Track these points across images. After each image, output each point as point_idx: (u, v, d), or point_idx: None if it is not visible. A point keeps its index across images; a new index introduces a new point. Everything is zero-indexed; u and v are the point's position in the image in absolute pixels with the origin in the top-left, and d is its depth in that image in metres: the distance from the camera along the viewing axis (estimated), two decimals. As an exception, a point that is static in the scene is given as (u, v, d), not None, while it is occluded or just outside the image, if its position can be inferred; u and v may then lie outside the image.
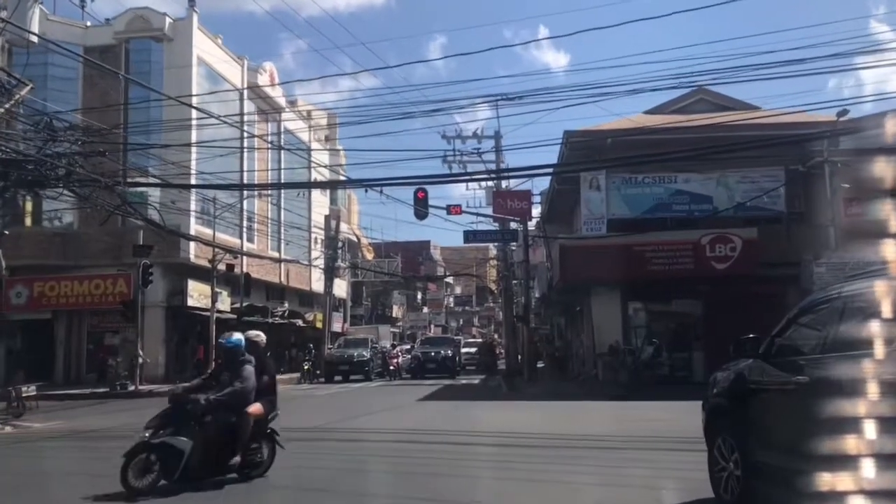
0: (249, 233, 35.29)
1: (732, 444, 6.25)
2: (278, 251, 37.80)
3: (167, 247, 28.50)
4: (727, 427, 6.41)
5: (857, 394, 4.67)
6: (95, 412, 18.77)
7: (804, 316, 6.05)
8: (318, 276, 41.39)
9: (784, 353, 5.89)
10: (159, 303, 29.56)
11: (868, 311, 4.97)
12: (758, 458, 5.85)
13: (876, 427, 4.49)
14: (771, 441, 5.72)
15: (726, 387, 6.60)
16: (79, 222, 29.46)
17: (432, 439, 11.75)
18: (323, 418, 15.28)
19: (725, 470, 6.31)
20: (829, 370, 5.07)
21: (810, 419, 5.06)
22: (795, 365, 5.56)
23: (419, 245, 75.28)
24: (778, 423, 5.70)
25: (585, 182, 23.06)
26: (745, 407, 6.14)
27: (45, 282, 29.04)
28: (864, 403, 4.61)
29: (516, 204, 31.59)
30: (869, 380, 4.62)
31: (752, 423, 6.01)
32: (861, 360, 4.77)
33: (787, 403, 5.60)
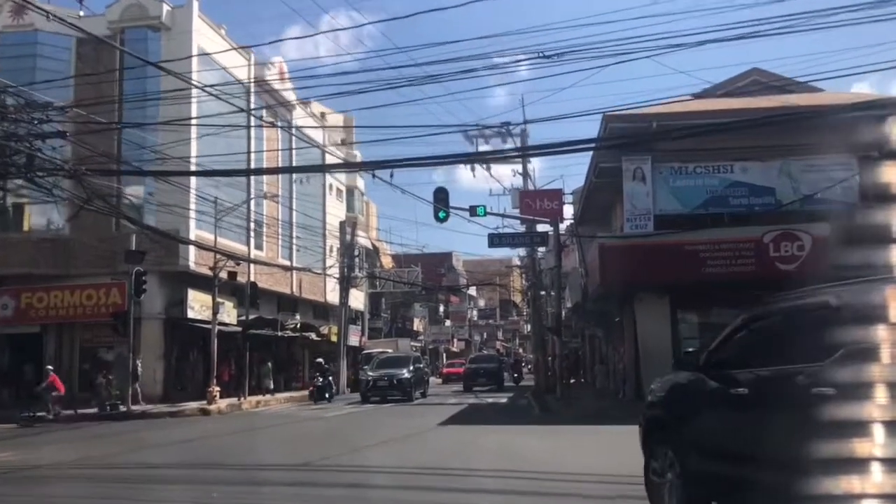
0: (258, 239, 32.79)
1: (671, 455, 6.33)
2: (289, 259, 35.23)
3: (165, 253, 26.07)
4: (666, 439, 6.51)
5: (793, 405, 5.00)
6: (62, 439, 16.23)
7: (743, 330, 6.19)
8: (333, 286, 38.82)
9: (723, 366, 5.99)
10: (157, 314, 27.08)
11: (805, 325, 5.31)
12: (698, 468, 6.00)
13: (809, 436, 4.72)
14: (711, 451, 5.89)
15: (665, 400, 6.75)
16: (70, 228, 27.08)
17: (459, 484, 8.99)
18: (321, 449, 12.61)
19: (663, 481, 6.40)
20: (766, 383, 5.39)
21: (749, 430, 5.43)
22: (734, 378, 5.72)
23: (441, 256, 72.78)
24: (718, 434, 5.89)
25: (628, 173, 20.26)
26: (685, 419, 6.28)
27: (34, 292, 26.68)
28: (800, 414, 4.92)
29: (546, 204, 28.90)
30: (804, 392, 4.88)
31: (692, 434, 6.15)
32: (797, 372, 5.04)
33: (727, 415, 5.79)
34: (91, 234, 26.52)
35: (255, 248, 32.32)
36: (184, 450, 13.49)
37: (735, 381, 5.71)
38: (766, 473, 5.21)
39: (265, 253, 33.05)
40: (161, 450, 13.52)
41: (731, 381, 5.75)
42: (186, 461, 11.74)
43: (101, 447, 14.09)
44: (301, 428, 18.57)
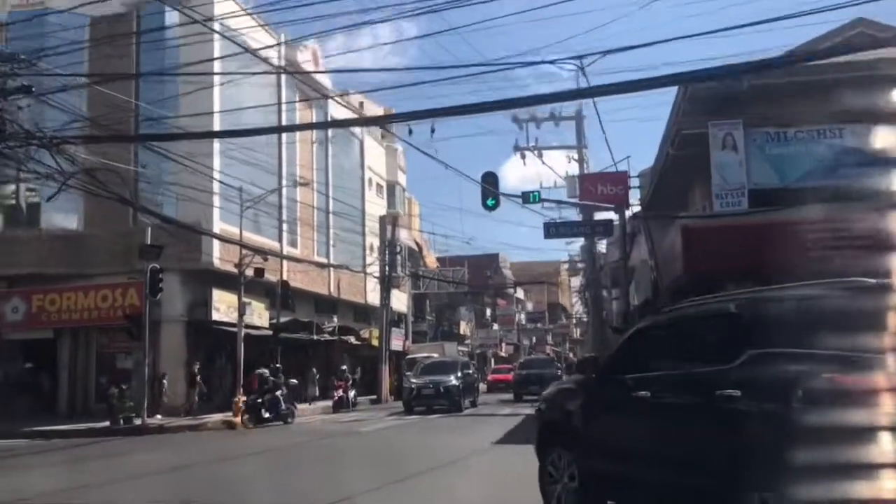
0: (292, 235, 30.18)
1: (568, 458, 6.48)
2: (326, 257, 32.53)
3: (186, 249, 23.55)
4: (563, 442, 6.61)
5: (697, 407, 5.24)
6: (47, 462, 13.61)
7: (646, 335, 6.41)
8: (374, 286, 36.08)
9: (625, 370, 6.06)
10: (178, 317, 24.57)
11: (708, 330, 5.57)
12: (595, 470, 6.16)
13: (714, 437, 5.06)
14: (610, 454, 6.03)
15: (563, 404, 6.92)
16: (84, 223, 24.77)
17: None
18: (358, 478, 9.75)
19: (558, 484, 6.55)
20: (670, 385, 5.58)
21: (652, 432, 5.65)
22: (637, 381, 5.82)
23: (487, 258, 69.93)
24: (618, 437, 6.05)
25: (716, 140, 17.00)
26: (585, 422, 6.41)
27: (45, 294, 24.39)
28: (704, 416, 5.16)
29: (609, 189, 25.75)
30: (709, 394, 5.05)
31: (591, 437, 6.28)
32: (702, 375, 5.25)
33: (628, 418, 5.95)
34: (106, 229, 24.16)
35: (289, 244, 29.74)
36: (178, 481, 10.72)
37: (638, 385, 5.80)
38: (668, 473, 5.37)
39: (299, 250, 30.42)
40: (147, 481, 10.77)
41: (634, 384, 5.84)
42: (167, 500, 8.98)
43: (74, 475, 11.42)
44: (334, 446, 15.77)
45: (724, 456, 4.94)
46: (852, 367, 4.41)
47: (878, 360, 4.35)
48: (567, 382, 7.45)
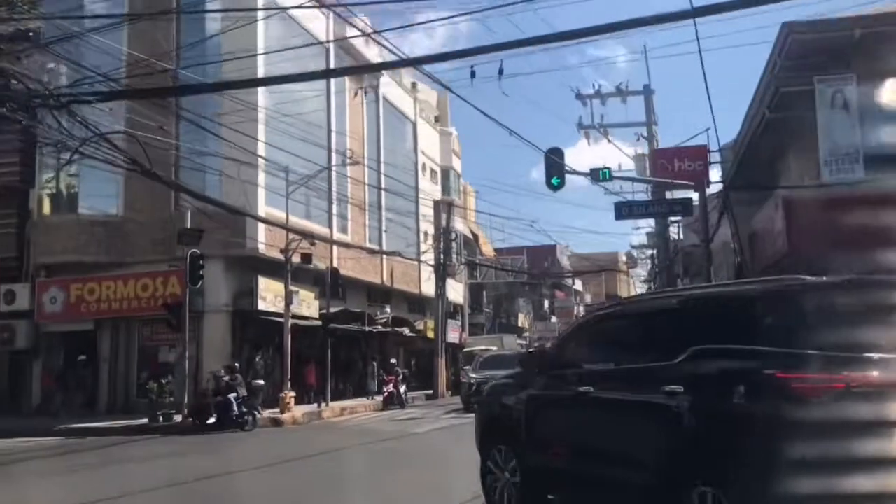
0: (342, 221, 28.53)
1: (510, 453, 6.50)
2: (378, 244, 30.79)
3: (231, 234, 22.05)
4: (505, 437, 6.65)
5: (641, 402, 5.32)
6: (58, 468, 12.07)
7: (582, 331, 6.67)
8: (428, 275, 34.27)
9: (569, 365, 6.20)
10: (222, 307, 23.09)
11: (653, 326, 5.63)
12: (537, 465, 6.21)
13: (657, 431, 5.10)
14: (552, 448, 6.11)
15: (505, 400, 6.90)
16: (123, 208, 23.48)
17: None
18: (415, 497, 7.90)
19: (500, 479, 6.57)
20: (614, 380, 5.67)
21: (595, 426, 5.75)
22: (580, 376, 5.94)
23: (545, 249, 67.77)
24: (561, 431, 6.12)
25: (824, 98, 14.64)
26: (526, 417, 6.42)
27: (84, 283, 23.15)
28: (648, 411, 5.22)
29: (687, 165, 23.46)
30: (653, 389, 5.10)
31: (533, 432, 6.31)
32: (646, 370, 5.32)
33: (572, 412, 5.99)
34: (146, 215, 22.87)
35: (339, 230, 28.10)
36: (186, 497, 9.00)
37: (580, 379, 5.87)
38: (609, 469, 5.44)
39: (350, 237, 28.76)
40: (157, 497, 9.06)
41: (576, 379, 5.93)
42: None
43: (83, 486, 9.80)
44: (385, 451, 13.96)
45: (666, 451, 4.99)
46: (792, 364, 4.41)
47: (816, 357, 4.37)
48: (510, 377, 7.34)
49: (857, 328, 4.55)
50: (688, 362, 4.99)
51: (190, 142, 21.42)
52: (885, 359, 4.33)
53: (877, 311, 4.69)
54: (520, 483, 6.39)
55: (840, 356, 4.35)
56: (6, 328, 23.17)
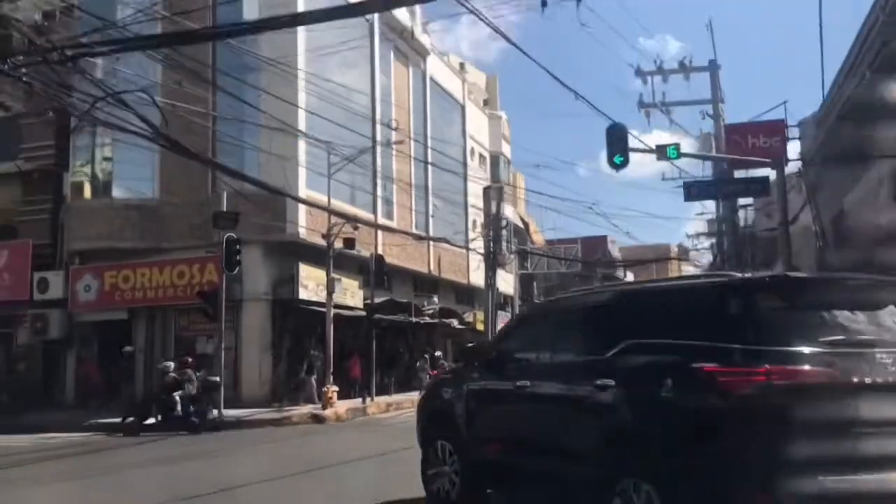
0: (387, 207, 27.09)
1: (451, 447, 6.56)
2: (425, 230, 29.27)
3: (270, 218, 20.77)
4: (446, 431, 6.69)
5: (575, 395, 5.43)
6: (66, 473, 10.76)
7: (522, 325, 6.82)
8: (477, 264, 32.67)
9: (507, 359, 6.27)
10: (262, 295, 21.83)
11: (587, 320, 5.76)
12: (476, 458, 6.28)
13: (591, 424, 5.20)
14: (491, 441, 6.19)
15: (445, 393, 6.95)
16: (159, 192, 22.35)
17: None
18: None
19: (441, 472, 6.63)
20: (550, 374, 5.81)
21: (532, 419, 5.84)
22: (518, 370, 6.06)
23: (595, 240, 65.73)
24: (500, 425, 6.20)
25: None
26: (465, 411, 6.50)
27: (119, 270, 22.12)
28: (582, 403, 5.33)
29: (762, 141, 21.46)
30: (587, 382, 5.26)
31: (472, 426, 6.39)
32: (580, 364, 5.49)
33: (510, 406, 6.10)
34: (182, 198, 21.73)
35: (384, 217, 26.67)
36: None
37: (518, 374, 5.99)
38: (545, 462, 5.56)
39: (395, 223, 27.30)
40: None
41: (514, 373, 6.03)
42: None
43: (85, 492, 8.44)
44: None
45: (599, 444, 5.07)
46: (716, 358, 4.52)
47: (739, 350, 4.51)
48: (450, 372, 7.45)
49: (782, 324, 4.65)
50: (619, 356, 5.12)
51: (228, 122, 20.14)
52: (809, 352, 4.44)
53: (801, 307, 4.75)
54: (459, 476, 6.46)
55: (763, 350, 4.44)
56: (39, 317, 22.25)
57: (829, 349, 4.48)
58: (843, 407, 4.37)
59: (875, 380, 4.41)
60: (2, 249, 23.15)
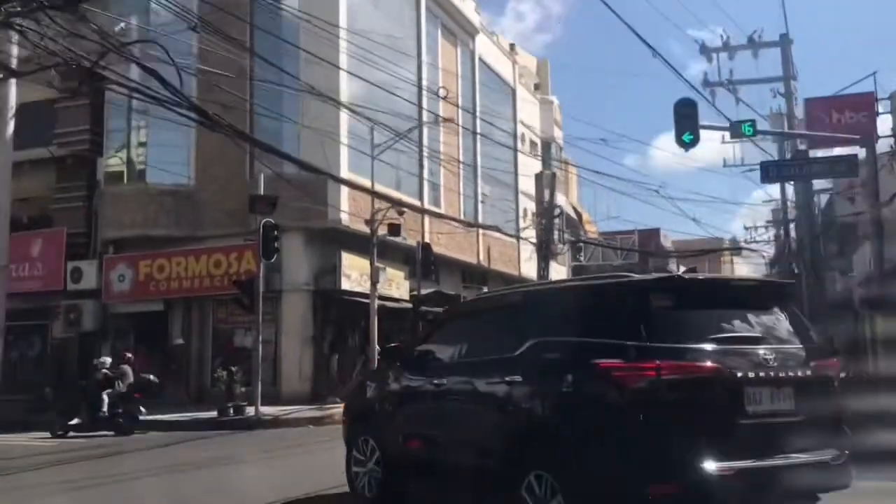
0: (434, 194, 25.65)
1: (374, 444, 6.75)
2: (474, 217, 27.75)
3: (310, 204, 19.50)
4: (370, 429, 6.91)
5: (486, 393, 5.66)
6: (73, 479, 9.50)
7: (446, 324, 7.02)
8: (529, 255, 31.04)
9: (426, 358, 6.47)
10: (302, 285, 20.58)
11: (499, 320, 6.04)
12: (397, 455, 6.51)
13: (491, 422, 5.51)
14: (410, 439, 6.41)
15: (368, 392, 7.27)
16: (195, 177, 21.23)
17: None
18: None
19: (365, 469, 6.82)
20: (463, 372, 5.98)
21: (448, 417, 6.05)
22: (435, 368, 6.26)
23: (647, 233, 63.72)
24: (419, 422, 6.40)
25: None
26: (387, 409, 6.76)
27: (153, 259, 21.06)
28: (491, 401, 5.57)
29: (847, 117, 19.53)
30: (497, 380, 5.52)
31: (393, 423, 6.61)
32: (491, 362, 5.68)
33: (427, 404, 6.33)
34: (220, 183, 20.63)
35: (431, 203, 25.24)
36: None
37: (435, 372, 6.20)
38: (458, 457, 5.83)
39: (443, 209, 25.84)
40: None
41: (432, 372, 6.24)
42: None
43: None
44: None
45: (507, 439, 5.31)
46: (612, 354, 4.78)
47: (633, 347, 4.74)
48: (373, 371, 7.66)
49: (673, 322, 4.94)
50: (526, 354, 5.38)
51: (266, 95, 18.88)
52: (697, 349, 4.82)
53: (692, 307, 5.02)
54: (381, 472, 6.64)
55: (655, 346, 4.72)
56: (73, 308, 21.33)
57: (715, 346, 4.83)
58: (727, 399, 4.73)
59: (758, 374, 4.79)
60: (36, 238, 22.29)
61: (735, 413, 4.73)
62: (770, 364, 4.88)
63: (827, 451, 4.97)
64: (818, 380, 5.13)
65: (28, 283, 21.81)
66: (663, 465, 4.55)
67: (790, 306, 5.51)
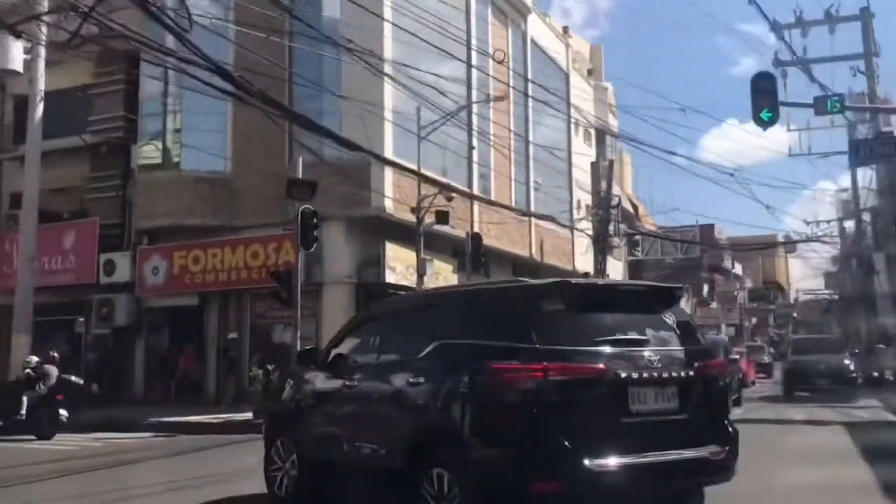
0: (483, 183, 24.13)
1: (290, 445, 6.81)
2: (526, 206, 26.16)
3: (354, 187, 18.20)
4: (286, 430, 6.98)
5: (386, 395, 5.84)
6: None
7: (356, 329, 6.98)
8: (584, 248, 29.37)
9: (338, 362, 6.59)
10: (344, 278, 19.25)
11: (404, 324, 6.26)
12: (311, 456, 6.58)
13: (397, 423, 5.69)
14: (323, 440, 6.50)
15: (286, 394, 7.28)
16: (231, 164, 20.07)
17: None
18: None
19: (281, 469, 6.87)
20: (373, 374, 6.16)
21: (351, 418, 6.25)
22: (347, 371, 6.38)
23: (703, 229, 61.40)
24: (332, 423, 6.49)
25: None
26: (302, 411, 6.88)
27: (188, 251, 19.95)
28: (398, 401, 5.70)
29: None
30: (394, 383, 5.75)
31: (308, 425, 6.73)
32: (397, 364, 5.86)
33: (340, 405, 6.45)
34: (257, 170, 19.39)
35: (480, 192, 23.74)
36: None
37: (348, 374, 6.33)
38: (366, 457, 5.92)
39: (494, 196, 24.30)
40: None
41: (345, 373, 6.36)
42: None
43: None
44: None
45: (411, 437, 5.46)
46: (504, 356, 4.97)
47: (524, 349, 4.94)
48: (291, 373, 7.78)
49: (562, 325, 5.10)
50: (430, 356, 5.52)
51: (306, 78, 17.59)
52: (583, 350, 4.99)
53: (581, 311, 5.20)
54: (297, 473, 6.70)
55: (543, 349, 4.89)
56: (105, 303, 20.35)
57: (602, 348, 5.05)
58: (612, 399, 4.93)
59: (641, 375, 5.01)
60: (69, 229, 21.42)
61: (619, 412, 4.92)
62: (654, 365, 5.07)
63: (708, 448, 5.16)
64: (702, 380, 5.32)
65: (60, 276, 20.97)
66: (547, 463, 4.73)
67: (679, 310, 5.71)
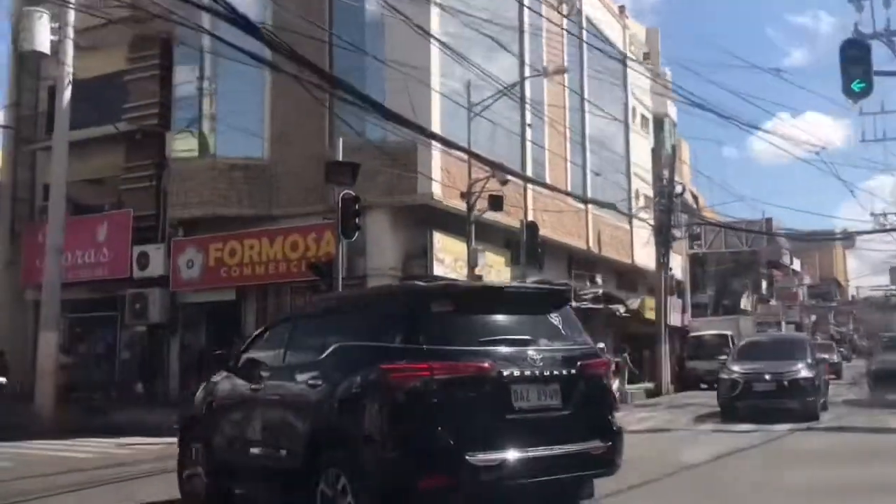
0: (537, 169, 22.53)
1: (201, 449, 6.84)
2: (583, 192, 24.49)
3: (401, 170, 16.85)
4: (198, 434, 6.97)
5: (293, 396, 5.90)
6: None
7: (267, 333, 6.96)
8: (646, 240, 27.57)
9: (248, 366, 6.62)
10: (389, 271, 17.81)
11: (314, 327, 6.34)
12: (220, 459, 6.61)
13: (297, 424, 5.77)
14: (232, 443, 6.53)
15: (199, 398, 7.22)
16: (268, 150, 18.84)
17: None
18: None
19: (194, 473, 6.91)
20: (278, 377, 6.18)
21: (255, 421, 6.29)
22: (255, 374, 6.39)
23: (759, 223, 58.89)
24: (239, 427, 6.51)
25: None
26: (213, 415, 6.88)
27: (224, 242, 18.76)
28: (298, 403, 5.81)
29: None
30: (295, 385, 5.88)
31: (219, 428, 6.73)
32: (299, 367, 5.93)
33: (246, 409, 6.47)
34: (296, 156, 18.19)
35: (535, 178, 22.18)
36: None
37: (256, 377, 6.36)
38: (268, 459, 6.00)
39: (549, 180, 22.69)
40: None
41: (253, 377, 6.39)
42: None
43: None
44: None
45: (309, 438, 5.54)
46: (393, 356, 5.12)
47: (412, 349, 5.12)
48: (205, 378, 7.56)
49: (448, 326, 5.30)
50: (329, 357, 5.65)
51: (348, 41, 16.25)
52: (467, 350, 5.19)
53: (467, 312, 5.43)
54: (207, 477, 6.72)
55: (429, 349, 5.08)
56: (138, 298, 19.27)
57: (487, 347, 5.25)
58: (495, 396, 5.13)
59: (524, 373, 5.22)
60: (101, 221, 20.45)
61: (503, 409, 5.13)
62: (537, 364, 5.30)
63: (591, 442, 5.38)
64: (584, 378, 5.50)
65: (94, 269, 19.99)
66: (433, 460, 4.92)
67: (566, 310, 5.87)
